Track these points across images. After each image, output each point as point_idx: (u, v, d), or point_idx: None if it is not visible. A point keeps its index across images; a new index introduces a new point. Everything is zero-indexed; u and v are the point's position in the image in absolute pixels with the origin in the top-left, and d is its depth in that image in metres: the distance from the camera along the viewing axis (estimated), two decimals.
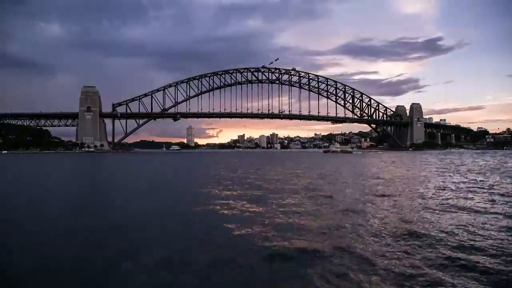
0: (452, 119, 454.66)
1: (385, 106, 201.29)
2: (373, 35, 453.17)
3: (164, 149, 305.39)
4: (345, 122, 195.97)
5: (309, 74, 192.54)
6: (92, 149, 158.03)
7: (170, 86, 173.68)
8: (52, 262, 7.47)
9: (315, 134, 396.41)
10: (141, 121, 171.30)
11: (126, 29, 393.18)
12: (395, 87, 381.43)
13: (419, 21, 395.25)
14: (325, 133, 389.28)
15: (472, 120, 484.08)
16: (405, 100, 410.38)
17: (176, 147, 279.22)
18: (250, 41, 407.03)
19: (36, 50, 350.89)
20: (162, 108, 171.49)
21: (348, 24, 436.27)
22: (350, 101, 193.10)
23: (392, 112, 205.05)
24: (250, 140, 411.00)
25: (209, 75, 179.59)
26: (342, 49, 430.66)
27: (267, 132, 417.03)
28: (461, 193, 17.41)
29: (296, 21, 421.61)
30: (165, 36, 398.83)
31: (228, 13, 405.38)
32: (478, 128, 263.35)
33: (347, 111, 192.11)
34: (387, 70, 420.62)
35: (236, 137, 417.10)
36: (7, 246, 8.64)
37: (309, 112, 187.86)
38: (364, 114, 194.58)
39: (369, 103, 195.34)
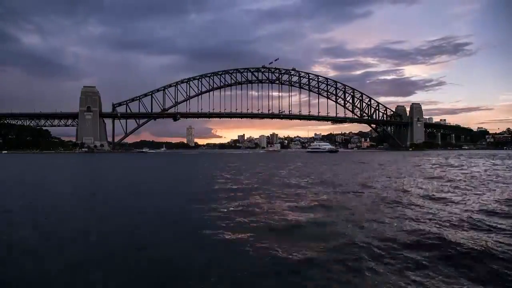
0: (465, 119, 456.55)
1: (385, 106, 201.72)
2: (406, 38, 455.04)
3: (164, 149, 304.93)
4: (345, 122, 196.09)
5: (309, 74, 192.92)
6: (86, 149, 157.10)
7: (170, 86, 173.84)
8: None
9: (315, 134, 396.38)
10: (141, 121, 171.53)
11: (165, 30, 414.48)
12: (410, 88, 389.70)
13: (457, 22, 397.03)
14: (325, 133, 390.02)
15: (484, 120, 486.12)
16: (418, 100, 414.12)
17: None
18: (277, 43, 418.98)
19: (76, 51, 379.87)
20: (162, 108, 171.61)
21: (384, 26, 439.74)
22: (350, 101, 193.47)
23: (392, 112, 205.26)
24: (250, 140, 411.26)
25: (209, 75, 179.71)
26: (369, 52, 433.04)
27: (267, 132, 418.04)
28: None
29: (331, 24, 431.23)
30: (201, 37, 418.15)
31: (262, 16, 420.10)
32: (478, 128, 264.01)
33: (347, 111, 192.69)
34: (408, 71, 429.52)
35: (236, 137, 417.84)
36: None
37: (309, 112, 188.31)
38: (364, 114, 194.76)
39: (369, 103, 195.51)
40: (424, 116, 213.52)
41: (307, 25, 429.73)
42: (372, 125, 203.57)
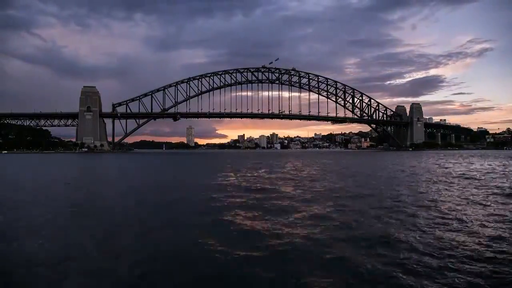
0: (477, 119, 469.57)
1: (385, 106, 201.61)
2: (435, 41, 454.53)
3: (164, 149, 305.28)
4: (345, 122, 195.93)
5: (309, 74, 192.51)
6: (85, 149, 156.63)
7: (170, 86, 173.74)
8: None
9: (315, 134, 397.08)
10: (141, 121, 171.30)
11: (210, 31, 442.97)
12: (427, 88, 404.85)
13: (490, 26, 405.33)
14: (325, 133, 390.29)
15: (496, 120, 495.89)
16: (432, 100, 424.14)
17: None
18: (311, 46, 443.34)
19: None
20: (162, 108, 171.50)
21: (415, 32, 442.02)
22: (350, 101, 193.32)
23: (392, 112, 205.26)
24: (250, 140, 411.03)
25: (209, 75, 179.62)
26: (396, 55, 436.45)
27: (267, 132, 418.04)
28: None
29: (364, 28, 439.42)
30: (243, 38, 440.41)
31: (301, 20, 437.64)
32: (478, 128, 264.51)
33: (347, 111, 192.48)
34: (431, 73, 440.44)
35: (236, 137, 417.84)
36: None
37: (309, 112, 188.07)
38: (364, 114, 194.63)
39: (369, 103, 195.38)
40: (424, 116, 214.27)
41: (341, 30, 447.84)
42: (372, 125, 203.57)
